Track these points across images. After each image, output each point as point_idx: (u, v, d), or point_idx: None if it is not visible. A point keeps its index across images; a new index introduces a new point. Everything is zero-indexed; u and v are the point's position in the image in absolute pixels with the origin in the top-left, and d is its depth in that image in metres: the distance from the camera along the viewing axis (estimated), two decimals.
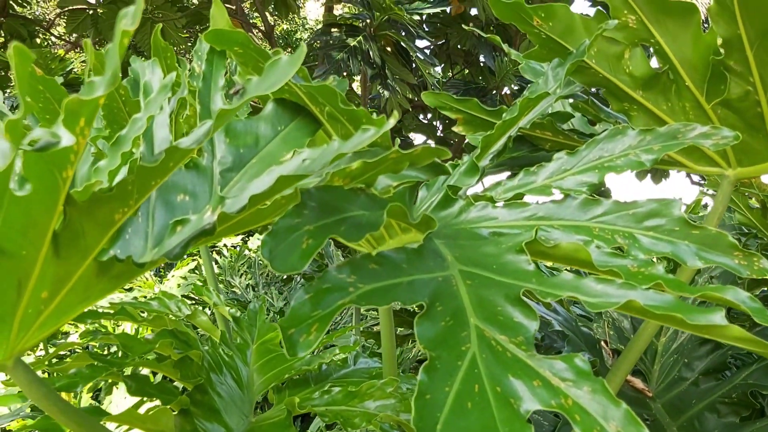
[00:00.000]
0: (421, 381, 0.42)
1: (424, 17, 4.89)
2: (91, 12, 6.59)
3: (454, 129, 0.89)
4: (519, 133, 0.87)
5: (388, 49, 5.06)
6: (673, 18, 0.71)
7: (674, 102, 0.76)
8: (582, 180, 0.69)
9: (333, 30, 4.27)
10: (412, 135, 7.79)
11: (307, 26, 13.76)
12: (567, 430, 1.05)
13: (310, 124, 0.65)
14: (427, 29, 5.87)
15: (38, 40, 7.42)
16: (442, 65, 7.40)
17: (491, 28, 6.17)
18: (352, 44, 4.24)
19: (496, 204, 0.67)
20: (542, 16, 0.74)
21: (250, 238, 4.49)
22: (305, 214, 0.46)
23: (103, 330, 1.20)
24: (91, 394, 1.45)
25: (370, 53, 4.25)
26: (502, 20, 0.76)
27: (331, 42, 4.21)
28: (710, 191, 1.67)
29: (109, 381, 1.00)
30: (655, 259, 0.67)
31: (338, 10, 5.94)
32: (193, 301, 3.00)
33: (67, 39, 8.55)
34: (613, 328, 1.25)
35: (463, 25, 5.30)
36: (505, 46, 0.88)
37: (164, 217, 0.57)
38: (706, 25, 0.68)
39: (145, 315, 0.89)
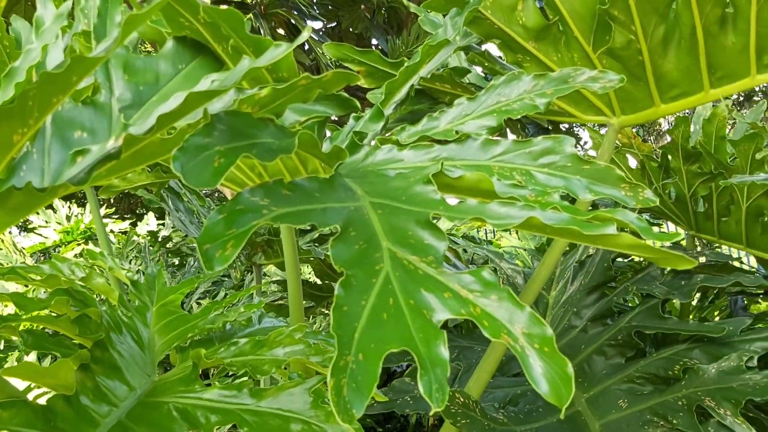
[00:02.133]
0: (338, 295, 0.43)
1: None
2: None
3: (360, 83, 0.89)
4: (420, 86, 0.89)
5: (280, 31, 5.01)
6: None
7: (564, 53, 0.81)
8: (482, 124, 0.71)
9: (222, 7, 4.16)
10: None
11: None
12: (464, 377, 1.09)
13: (212, 63, 0.63)
14: (318, 11, 5.84)
15: None
16: None
17: (383, 11, 6.22)
18: None
19: (402, 146, 0.69)
20: None
21: (139, 223, 4.34)
22: (215, 135, 0.45)
23: None
24: None
25: (261, 32, 4.18)
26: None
27: None
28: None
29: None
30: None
31: None
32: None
33: None
34: (507, 284, 1.31)
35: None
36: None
37: (61, 153, 0.54)
38: None
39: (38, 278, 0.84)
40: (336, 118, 1.13)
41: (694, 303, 1.94)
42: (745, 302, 1.65)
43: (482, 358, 0.95)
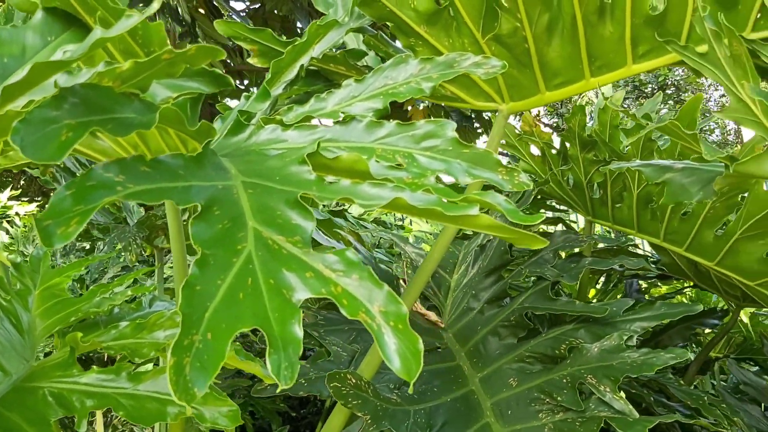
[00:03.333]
0: (192, 274, 0.43)
1: None
2: None
3: (249, 60, 0.88)
4: (314, 67, 0.89)
5: (201, 11, 4.87)
6: None
7: (455, 38, 0.82)
8: (368, 106, 0.72)
9: None
10: (228, 101, 7.60)
11: None
12: (360, 359, 1.10)
13: (84, 36, 0.61)
14: None
15: None
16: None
17: None
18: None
19: (287, 126, 0.68)
20: None
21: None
22: (65, 108, 0.43)
23: None
24: None
25: (179, 10, 4.06)
26: None
27: None
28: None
29: None
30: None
31: None
32: None
33: None
34: (411, 267, 1.33)
35: None
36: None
37: None
38: None
39: None
40: None
41: (599, 287, 2.02)
42: (641, 285, 1.73)
43: (368, 340, 0.96)
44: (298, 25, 6.57)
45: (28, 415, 0.71)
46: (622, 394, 0.93)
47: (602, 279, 2.04)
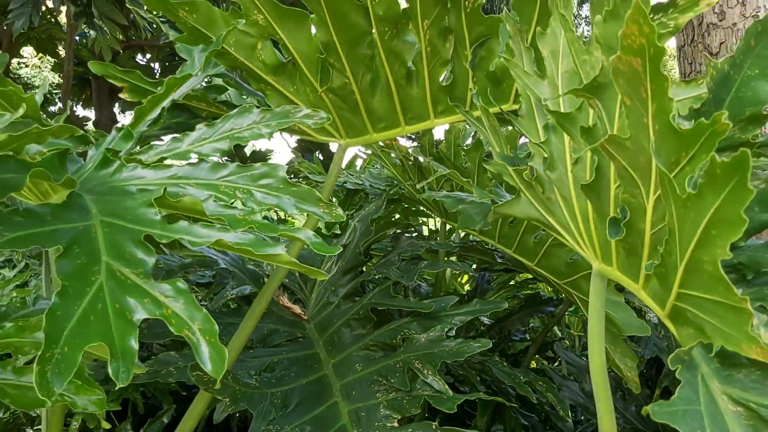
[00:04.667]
0: (54, 302, 0.58)
1: None
2: None
3: (121, 95, 1.01)
4: (180, 102, 1.03)
5: None
6: (291, 21, 0.92)
7: (299, 86, 0.98)
8: (216, 147, 0.87)
9: None
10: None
11: None
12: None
13: None
14: None
15: None
16: None
17: None
18: None
19: (146, 165, 0.83)
20: (186, 9, 0.90)
21: None
22: None
23: None
24: None
25: None
26: (151, 10, 0.90)
27: None
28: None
29: None
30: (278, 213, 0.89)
31: None
32: None
33: None
34: (272, 266, 1.49)
35: None
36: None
37: None
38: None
39: None
40: None
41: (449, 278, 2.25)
42: (491, 276, 1.97)
43: (234, 333, 1.12)
44: None
45: None
46: (440, 377, 1.14)
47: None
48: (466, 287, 2.52)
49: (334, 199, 1.91)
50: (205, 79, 1.08)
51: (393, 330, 1.25)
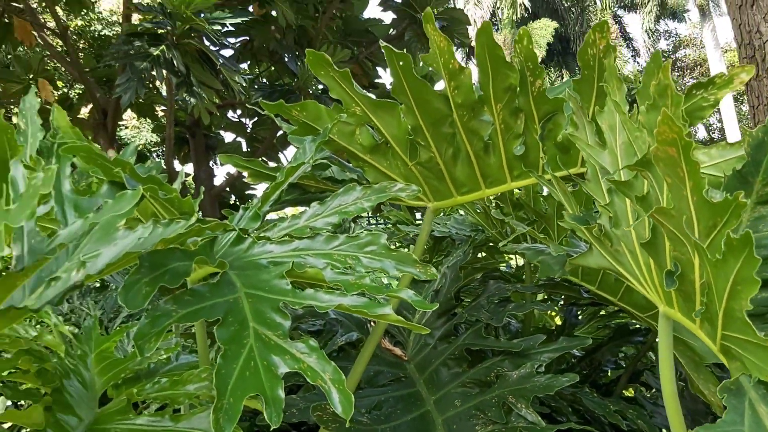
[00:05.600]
0: (218, 363, 0.74)
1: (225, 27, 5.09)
2: None
3: (246, 180, 1.19)
4: (292, 182, 1.21)
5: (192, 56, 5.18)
6: (384, 110, 1.08)
7: (392, 161, 1.14)
8: (327, 221, 1.04)
9: (134, 40, 4.35)
10: (222, 132, 7.94)
11: (102, 18, 13.17)
12: None
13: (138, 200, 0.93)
14: (232, 28, 6.06)
15: None
16: (248, 63, 7.62)
17: (293, 28, 6.48)
18: (155, 54, 4.36)
19: (272, 241, 1.00)
20: (298, 109, 1.08)
21: None
22: (142, 272, 0.76)
23: None
24: None
25: (174, 62, 4.40)
26: (271, 113, 1.09)
27: (132, 52, 4.30)
28: None
29: None
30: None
31: (137, 20, 5.90)
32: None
33: None
34: None
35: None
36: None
37: (37, 275, 0.83)
38: None
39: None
40: None
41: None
42: (579, 312, 2.05)
43: (348, 375, 1.27)
44: (286, 57, 6.90)
45: None
46: (532, 410, 1.25)
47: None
48: (557, 319, 2.60)
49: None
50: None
51: (487, 368, 1.37)
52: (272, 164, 1.17)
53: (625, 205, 0.86)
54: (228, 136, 7.90)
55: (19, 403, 1.28)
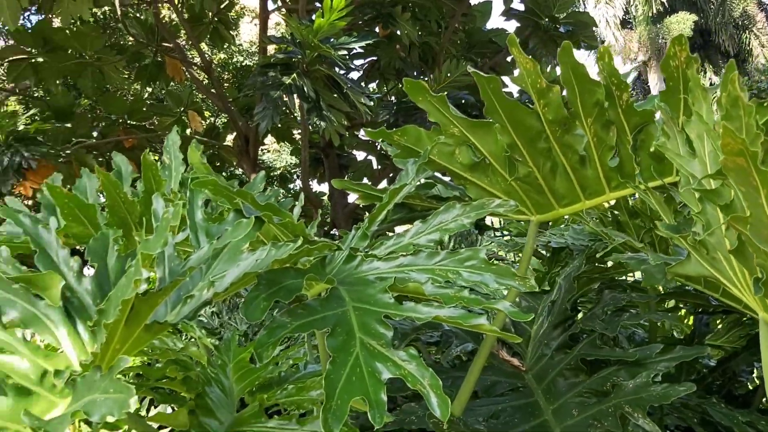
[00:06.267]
0: (328, 370, 0.83)
1: (352, 51, 5.32)
2: (32, 61, 6.69)
3: (356, 200, 1.29)
4: (398, 202, 1.29)
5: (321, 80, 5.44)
6: (480, 129, 1.14)
7: (491, 178, 1.20)
8: (430, 238, 1.11)
9: (268, 71, 4.67)
10: (354, 151, 8.25)
11: (242, 50, 14.10)
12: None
13: (258, 225, 1.05)
14: (359, 50, 6.31)
15: None
16: (377, 81, 7.87)
17: (417, 45, 6.63)
18: (287, 82, 4.65)
19: (379, 258, 1.09)
20: (399, 134, 1.17)
21: None
22: (260, 288, 0.87)
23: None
24: None
25: (305, 89, 4.66)
26: (375, 140, 1.18)
27: (268, 82, 4.61)
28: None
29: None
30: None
31: (272, 50, 6.29)
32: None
33: (5, 87, 8.70)
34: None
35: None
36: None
37: (176, 293, 0.96)
38: None
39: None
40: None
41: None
42: (709, 319, 1.98)
43: (461, 385, 1.33)
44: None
45: None
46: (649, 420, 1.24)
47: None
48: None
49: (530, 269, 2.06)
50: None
51: (603, 378, 1.38)
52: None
53: (717, 212, 0.86)
54: (360, 155, 8.18)
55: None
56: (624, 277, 2.08)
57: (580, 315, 1.77)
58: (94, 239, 1.08)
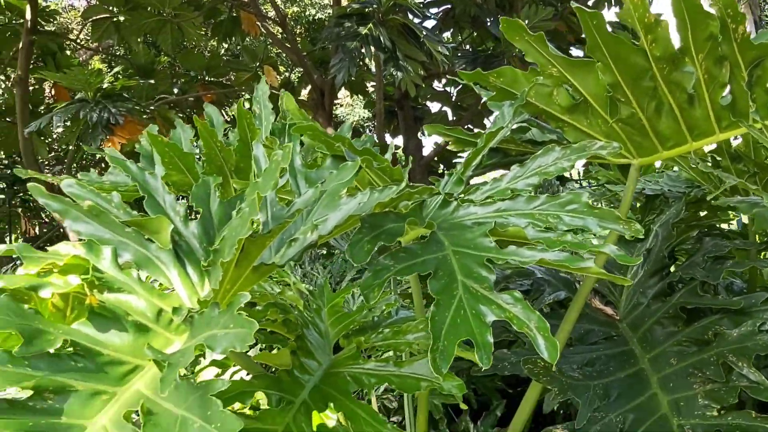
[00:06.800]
0: (432, 311, 0.83)
1: None
2: (114, 19, 6.87)
3: (449, 147, 1.28)
4: (493, 146, 1.27)
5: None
6: (580, 69, 1.10)
7: (591, 120, 1.15)
8: (528, 182, 1.09)
9: (344, 22, 4.64)
10: (428, 103, 8.16)
11: (315, 3, 14.06)
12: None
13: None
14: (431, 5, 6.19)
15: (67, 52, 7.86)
16: (451, 31, 7.71)
17: None
18: (363, 32, 4.61)
19: (475, 203, 1.08)
20: (495, 75, 1.13)
21: None
22: (363, 231, 0.87)
23: None
24: None
25: (381, 39, 4.61)
26: (468, 82, 1.16)
27: (343, 33, 4.58)
28: None
29: None
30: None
31: (346, 1, 6.23)
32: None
33: (89, 46, 8.99)
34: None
35: None
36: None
37: (279, 237, 0.98)
38: None
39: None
40: None
41: None
42: None
43: (556, 333, 1.31)
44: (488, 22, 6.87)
45: (337, 388, 1.17)
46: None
47: None
48: None
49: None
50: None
51: (704, 326, 1.33)
52: (477, 131, 1.23)
53: None
54: (434, 107, 8.09)
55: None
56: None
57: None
58: (196, 186, 1.11)
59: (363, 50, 4.69)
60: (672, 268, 1.55)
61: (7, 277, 0.86)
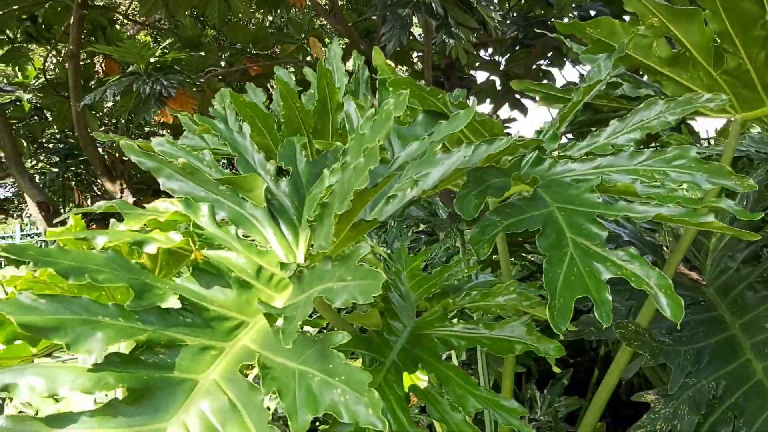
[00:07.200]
0: (545, 268, 0.80)
1: None
2: None
3: (538, 104, 1.23)
4: (586, 102, 1.22)
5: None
6: (684, 18, 1.04)
7: (692, 73, 1.10)
8: (630, 137, 1.04)
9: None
10: (473, 72, 8.03)
11: None
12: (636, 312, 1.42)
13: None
14: None
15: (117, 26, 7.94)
16: None
17: None
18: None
19: (573, 159, 1.04)
20: (592, 26, 1.08)
21: None
22: (470, 186, 0.84)
23: None
24: None
25: (433, 5, 4.52)
26: (565, 33, 1.11)
27: (394, 1, 4.51)
28: None
29: None
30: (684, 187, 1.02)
31: None
32: None
33: (138, 20, 9.07)
34: (672, 236, 1.60)
35: None
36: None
37: (379, 197, 0.96)
38: None
39: None
40: None
41: None
42: None
43: (648, 297, 1.27)
44: None
45: (425, 350, 1.15)
46: None
47: None
48: None
49: None
50: None
51: None
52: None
53: None
54: (480, 77, 7.95)
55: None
56: None
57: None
58: (282, 145, 1.09)
59: (414, 17, 4.61)
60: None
61: (112, 231, 0.86)
